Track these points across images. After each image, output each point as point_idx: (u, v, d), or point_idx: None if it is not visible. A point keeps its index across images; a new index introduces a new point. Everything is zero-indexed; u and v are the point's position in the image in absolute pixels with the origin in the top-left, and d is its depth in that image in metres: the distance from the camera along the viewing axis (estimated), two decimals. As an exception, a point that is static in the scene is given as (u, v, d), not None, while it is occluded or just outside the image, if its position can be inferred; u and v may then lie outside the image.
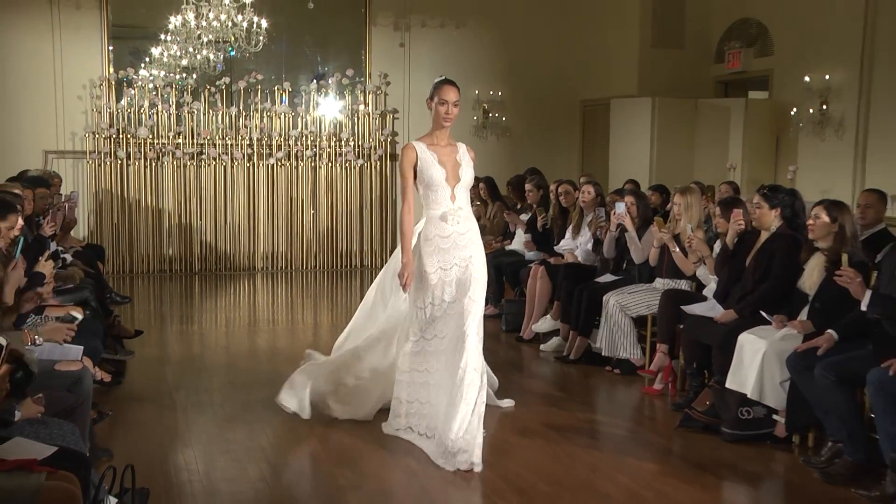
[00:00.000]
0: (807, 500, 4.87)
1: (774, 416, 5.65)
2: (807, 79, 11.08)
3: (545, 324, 8.18)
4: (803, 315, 5.68)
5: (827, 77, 10.93)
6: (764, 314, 5.81)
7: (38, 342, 4.53)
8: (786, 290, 5.89)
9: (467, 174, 5.54)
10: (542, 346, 8.11)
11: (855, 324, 5.25)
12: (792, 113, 11.39)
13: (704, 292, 6.72)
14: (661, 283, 7.20)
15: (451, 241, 5.45)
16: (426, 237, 5.51)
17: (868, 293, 4.97)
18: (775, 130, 11.85)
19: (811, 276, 5.67)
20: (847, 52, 10.71)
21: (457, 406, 5.16)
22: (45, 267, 5.19)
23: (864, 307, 4.98)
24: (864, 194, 6.94)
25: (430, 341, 5.47)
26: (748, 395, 5.62)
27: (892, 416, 4.79)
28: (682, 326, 6.51)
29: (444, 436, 5.18)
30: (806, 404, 5.33)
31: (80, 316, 5.28)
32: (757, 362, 5.57)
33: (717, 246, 6.73)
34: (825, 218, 5.59)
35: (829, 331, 5.29)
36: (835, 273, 5.03)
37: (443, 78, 5.57)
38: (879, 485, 4.82)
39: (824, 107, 10.95)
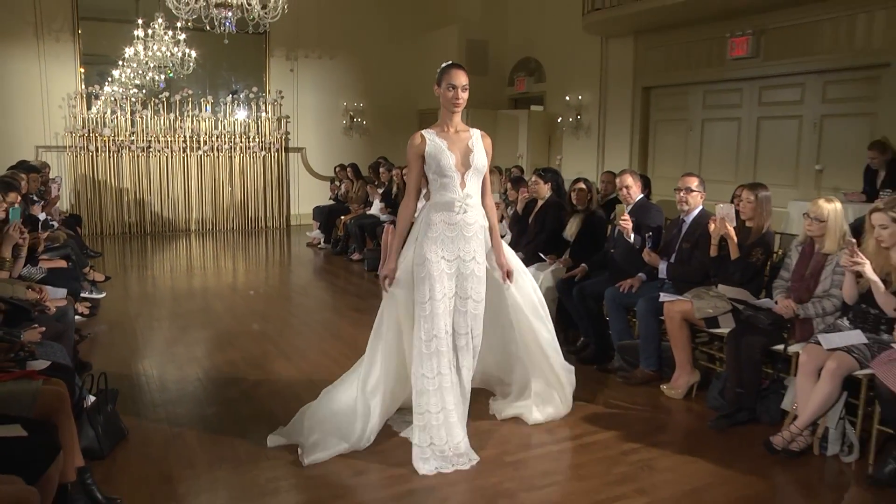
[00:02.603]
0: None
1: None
2: (567, 98, 11.40)
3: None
4: (567, 255, 5.86)
5: (580, 97, 11.28)
6: (542, 255, 5.95)
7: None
8: (555, 239, 6.03)
9: (479, 160, 3.72)
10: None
11: (599, 260, 5.49)
12: (558, 121, 11.69)
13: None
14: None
15: (457, 229, 3.62)
16: (429, 222, 3.64)
17: (633, 234, 5.11)
18: (548, 132, 12.14)
19: (571, 229, 5.85)
20: (591, 81, 11.06)
21: (463, 407, 3.65)
22: (28, 239, 4.86)
23: (632, 242, 5.09)
24: (605, 175, 7.28)
25: (440, 340, 3.53)
26: (531, 308, 5.82)
27: (619, 319, 5.07)
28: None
29: (449, 439, 3.53)
30: (568, 314, 5.53)
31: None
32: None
33: (510, 210, 6.90)
34: (584, 188, 5.84)
35: (583, 265, 5.52)
36: (620, 218, 5.14)
37: (450, 62, 3.82)
38: (611, 362, 5.11)
39: (578, 117, 11.31)
